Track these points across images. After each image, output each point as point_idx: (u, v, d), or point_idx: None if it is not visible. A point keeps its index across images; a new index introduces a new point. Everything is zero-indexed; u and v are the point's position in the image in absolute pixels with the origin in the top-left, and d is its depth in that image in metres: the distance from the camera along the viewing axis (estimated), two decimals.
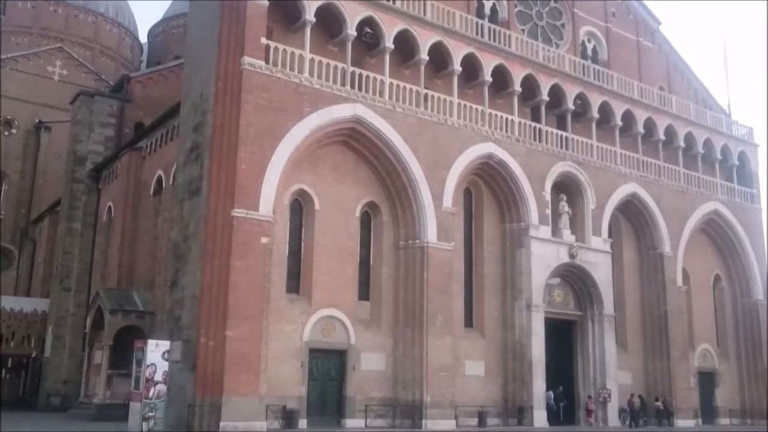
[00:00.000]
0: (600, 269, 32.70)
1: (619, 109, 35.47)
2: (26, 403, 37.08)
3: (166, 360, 20.61)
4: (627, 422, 32.06)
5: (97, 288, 32.18)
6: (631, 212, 35.76)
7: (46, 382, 35.87)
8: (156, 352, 20.46)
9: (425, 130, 27.97)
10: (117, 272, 32.87)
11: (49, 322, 37.07)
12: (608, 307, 32.51)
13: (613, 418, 31.66)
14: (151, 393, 20.07)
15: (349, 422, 25.10)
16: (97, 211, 37.44)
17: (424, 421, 25.46)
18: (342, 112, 25.87)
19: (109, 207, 35.93)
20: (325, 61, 25.83)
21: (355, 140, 26.81)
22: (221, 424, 21.04)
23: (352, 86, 26.36)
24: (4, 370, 39.78)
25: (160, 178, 31.63)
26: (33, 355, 38.56)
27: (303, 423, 23.87)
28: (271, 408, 22.75)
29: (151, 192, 32.37)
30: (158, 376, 20.24)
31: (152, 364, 20.26)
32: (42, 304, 39.19)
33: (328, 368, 25.43)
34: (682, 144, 37.96)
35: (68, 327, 35.80)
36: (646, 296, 35.57)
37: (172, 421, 21.31)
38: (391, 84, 27.45)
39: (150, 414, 19.97)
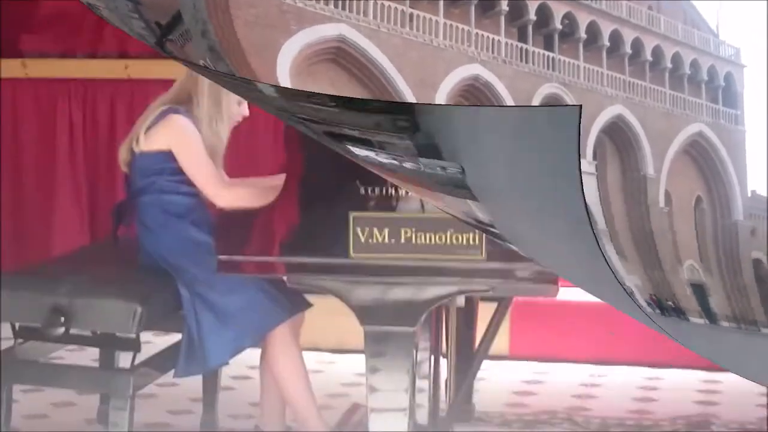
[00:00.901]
0: (585, 191, 33.06)
1: (606, 29, 34.88)
2: None
3: None
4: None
5: None
6: (616, 134, 35.65)
7: None
8: None
9: (410, 50, 27.48)
10: None
11: None
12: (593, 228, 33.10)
13: None
14: None
15: None
16: None
17: None
18: (326, 31, 25.44)
19: None
20: None
21: (343, 59, 26.49)
22: None
23: (335, 5, 25.86)
24: None
25: None
26: None
27: None
28: None
29: None
30: None
31: None
32: None
33: None
34: (669, 65, 37.66)
35: None
36: (630, 217, 36.26)
37: None
38: (375, 2, 26.92)
39: None
